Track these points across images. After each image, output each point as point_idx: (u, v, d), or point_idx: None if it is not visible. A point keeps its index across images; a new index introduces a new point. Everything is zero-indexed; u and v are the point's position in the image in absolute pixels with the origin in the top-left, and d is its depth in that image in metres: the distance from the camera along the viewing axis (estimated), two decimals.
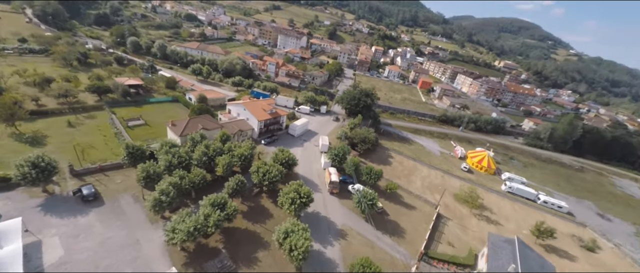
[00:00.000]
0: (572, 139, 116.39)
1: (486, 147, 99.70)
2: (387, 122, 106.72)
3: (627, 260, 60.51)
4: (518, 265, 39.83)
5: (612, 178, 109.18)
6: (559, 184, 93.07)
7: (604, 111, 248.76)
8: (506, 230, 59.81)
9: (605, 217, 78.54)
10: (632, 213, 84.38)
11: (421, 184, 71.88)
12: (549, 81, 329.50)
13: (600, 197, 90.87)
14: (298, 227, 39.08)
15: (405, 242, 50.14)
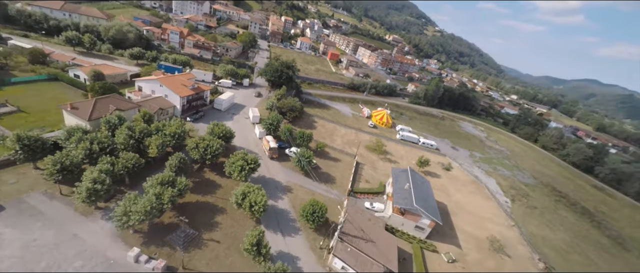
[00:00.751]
0: (437, 97, 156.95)
1: (385, 107, 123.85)
2: (308, 92, 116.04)
3: (465, 172, 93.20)
4: (410, 184, 57.80)
5: (459, 122, 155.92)
6: (431, 130, 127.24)
7: (455, 75, 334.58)
8: (402, 165, 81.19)
9: (455, 148, 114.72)
10: (468, 144, 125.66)
11: (341, 141, 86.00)
12: (423, 52, 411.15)
13: (453, 135, 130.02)
14: (252, 188, 44.18)
15: (337, 186, 62.54)
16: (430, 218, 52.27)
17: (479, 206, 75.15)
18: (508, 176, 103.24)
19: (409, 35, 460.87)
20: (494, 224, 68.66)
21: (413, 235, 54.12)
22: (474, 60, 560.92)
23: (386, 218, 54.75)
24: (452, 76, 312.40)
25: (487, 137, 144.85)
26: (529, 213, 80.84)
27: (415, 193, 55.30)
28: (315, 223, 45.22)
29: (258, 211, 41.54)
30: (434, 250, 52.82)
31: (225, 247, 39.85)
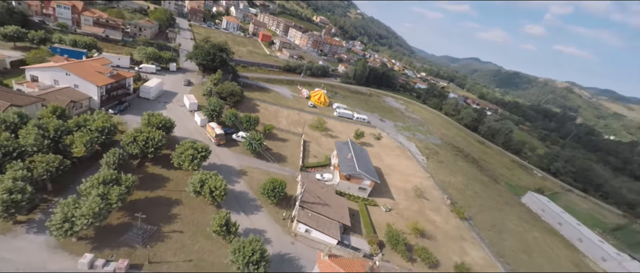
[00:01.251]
0: (364, 76, 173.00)
1: (321, 87, 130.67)
2: (244, 75, 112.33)
3: (392, 140, 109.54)
4: (352, 153, 66.20)
5: (384, 98, 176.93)
6: (362, 106, 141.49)
7: (377, 56, 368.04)
8: (341, 139, 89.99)
9: (383, 120, 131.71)
10: (392, 116, 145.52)
11: (286, 122, 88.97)
12: (348, 34, 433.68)
13: (380, 109, 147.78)
14: (209, 175, 44.12)
15: (288, 163, 66.39)
16: (371, 179, 62.01)
17: (404, 165, 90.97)
18: (423, 139, 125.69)
19: (335, 17, 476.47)
20: (415, 178, 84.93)
21: (358, 195, 63.27)
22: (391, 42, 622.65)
23: (335, 185, 62.09)
24: (374, 57, 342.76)
25: (406, 109, 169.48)
26: (439, 167, 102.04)
27: (357, 161, 63.97)
28: (276, 198, 48.57)
29: (219, 195, 42.24)
30: (374, 204, 63.29)
31: (190, 235, 39.74)
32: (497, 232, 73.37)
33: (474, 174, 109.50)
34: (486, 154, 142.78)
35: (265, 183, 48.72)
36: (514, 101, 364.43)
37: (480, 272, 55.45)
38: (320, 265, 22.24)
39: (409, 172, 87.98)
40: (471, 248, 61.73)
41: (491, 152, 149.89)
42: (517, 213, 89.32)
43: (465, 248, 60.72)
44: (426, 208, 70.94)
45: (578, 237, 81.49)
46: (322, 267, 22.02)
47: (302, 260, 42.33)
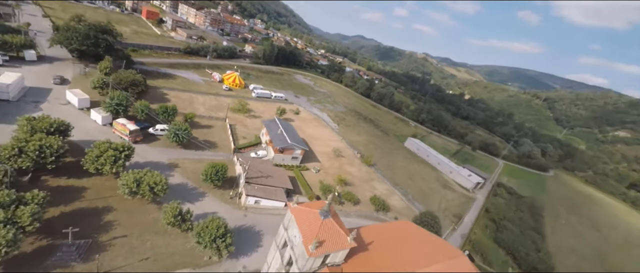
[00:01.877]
0: (273, 56, 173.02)
1: (234, 69, 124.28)
2: (139, 61, 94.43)
3: (308, 112, 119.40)
4: (281, 129, 70.99)
5: (294, 76, 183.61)
6: (276, 84, 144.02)
7: (280, 34, 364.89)
8: (265, 117, 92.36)
9: (297, 96, 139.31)
10: (304, 91, 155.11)
11: (204, 108, 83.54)
12: (247, 12, 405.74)
13: (292, 87, 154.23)
14: (143, 172, 40.57)
15: (220, 148, 65.33)
16: (301, 148, 69.28)
17: (322, 133, 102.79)
18: (332, 109, 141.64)
19: None
20: (332, 142, 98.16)
21: (292, 164, 69.82)
22: (290, 20, 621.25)
23: (271, 159, 66.27)
24: (278, 36, 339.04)
25: (314, 84, 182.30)
26: (347, 130, 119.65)
27: (287, 135, 69.47)
28: (220, 181, 49.15)
29: (162, 190, 40.01)
30: (306, 169, 71.64)
31: (136, 236, 37.08)
32: (391, 169, 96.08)
33: (372, 131, 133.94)
34: (378, 115, 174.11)
35: (206, 169, 48.18)
36: (392, 70, 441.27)
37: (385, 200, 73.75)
38: (293, 210, 27.56)
39: (326, 138, 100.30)
40: (378, 184, 79.88)
41: (381, 113, 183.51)
42: (402, 154, 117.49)
43: (374, 185, 78.14)
44: (344, 164, 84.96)
45: (438, 162, 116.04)
46: (294, 212, 27.41)
47: (257, 226, 46.48)
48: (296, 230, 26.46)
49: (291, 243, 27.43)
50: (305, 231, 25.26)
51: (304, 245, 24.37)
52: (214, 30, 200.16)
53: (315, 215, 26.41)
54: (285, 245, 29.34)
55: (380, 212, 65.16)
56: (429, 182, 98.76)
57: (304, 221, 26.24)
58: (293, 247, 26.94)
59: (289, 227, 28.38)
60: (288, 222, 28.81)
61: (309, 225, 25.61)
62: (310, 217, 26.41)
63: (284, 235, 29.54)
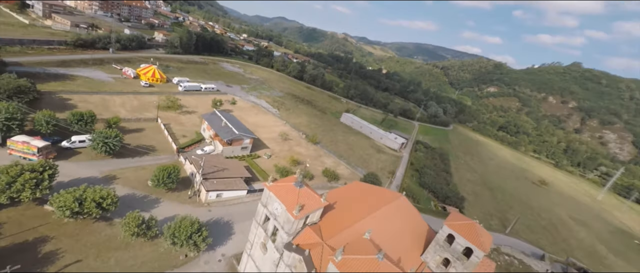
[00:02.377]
0: (192, 44, 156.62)
1: (150, 62, 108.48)
2: (13, 61, 73.22)
3: (246, 101, 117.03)
4: (225, 120, 69.62)
5: (220, 64, 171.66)
6: (203, 75, 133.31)
7: (192, 18, 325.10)
8: (201, 111, 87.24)
9: (230, 86, 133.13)
10: (235, 80, 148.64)
11: (126, 110, 73.32)
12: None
13: (222, 76, 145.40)
14: (81, 190, 36.22)
15: (160, 150, 60.46)
16: (250, 137, 70.17)
17: (264, 120, 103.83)
18: (269, 95, 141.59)
19: None
20: (276, 126, 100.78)
21: (243, 154, 70.34)
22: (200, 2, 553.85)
23: (220, 153, 65.28)
24: (189, 20, 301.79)
25: (244, 71, 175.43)
26: (288, 113, 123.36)
27: (232, 126, 68.86)
28: (174, 184, 47.18)
29: (113, 204, 36.79)
30: (258, 157, 73.36)
31: (93, 257, 34.06)
32: (334, 143, 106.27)
33: (311, 112, 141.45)
34: (313, 96, 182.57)
35: (156, 173, 45.32)
36: (318, 52, 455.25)
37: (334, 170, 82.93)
38: (270, 188, 30.97)
39: (269, 124, 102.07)
40: (326, 159, 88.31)
41: (315, 93, 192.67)
42: (340, 129, 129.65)
43: (323, 160, 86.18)
44: (293, 146, 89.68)
45: (370, 131, 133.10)
46: (271, 189, 30.88)
47: (225, 217, 47.68)
48: (277, 202, 30.39)
49: (274, 216, 31.28)
50: (286, 201, 29.48)
51: (288, 212, 28.69)
52: (107, 16, 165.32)
53: (292, 187, 30.80)
54: (267, 220, 32.99)
55: (333, 181, 73.69)
56: (366, 149, 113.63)
57: (283, 193, 30.33)
58: (276, 217, 30.90)
59: (269, 203, 31.99)
60: (266, 199, 32.30)
61: (289, 195, 29.90)
62: (287, 189, 30.64)
63: (263, 212, 33.01)
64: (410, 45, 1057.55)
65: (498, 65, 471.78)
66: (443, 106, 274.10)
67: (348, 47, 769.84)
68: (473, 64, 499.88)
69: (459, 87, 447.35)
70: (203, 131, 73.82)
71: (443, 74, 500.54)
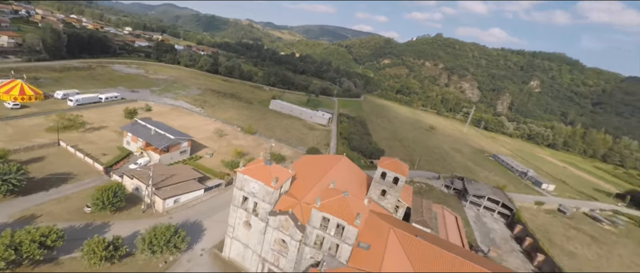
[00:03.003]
0: (63, 45, 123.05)
1: (12, 75, 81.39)
2: None
3: (162, 105, 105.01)
4: (154, 128, 63.76)
5: (111, 67, 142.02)
6: (94, 83, 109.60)
7: (41, 11, 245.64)
8: (110, 126, 75.35)
9: (135, 91, 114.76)
10: (139, 83, 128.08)
11: (8, 139, 57.13)
12: None
13: (120, 81, 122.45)
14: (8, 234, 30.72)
15: (81, 174, 51.99)
16: (187, 139, 66.98)
17: (191, 121, 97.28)
18: (186, 94, 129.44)
19: None
20: (207, 125, 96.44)
21: (183, 159, 66.92)
22: None
23: (158, 162, 60.65)
24: (37, 13, 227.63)
25: (146, 72, 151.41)
26: (214, 110, 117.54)
27: (164, 131, 63.99)
28: (122, 202, 43.34)
29: (60, 238, 32.67)
30: (200, 157, 71.06)
31: None
32: (270, 130, 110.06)
33: (238, 104, 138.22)
34: (234, 88, 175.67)
35: (97, 196, 40.57)
36: (224, 41, 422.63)
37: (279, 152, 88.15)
38: (243, 172, 34.51)
39: (198, 124, 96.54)
40: (267, 145, 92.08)
41: (235, 85, 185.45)
42: (272, 116, 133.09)
43: (265, 146, 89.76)
44: (231, 140, 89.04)
45: (300, 112, 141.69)
46: (245, 172, 34.51)
47: (190, 219, 47.67)
48: (253, 181, 34.75)
49: (252, 194, 35.58)
50: (262, 177, 34.22)
51: (266, 186, 33.70)
52: None
53: (263, 166, 35.57)
54: (245, 200, 36.96)
55: (280, 163, 79.22)
56: (300, 129, 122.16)
57: (257, 173, 34.84)
58: (255, 194, 35.35)
59: (245, 185, 35.87)
60: (241, 182, 36.01)
61: (262, 173, 34.67)
62: (260, 169, 35.25)
63: (240, 194, 36.71)
64: (315, 27, 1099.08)
65: (388, 41, 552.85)
66: (353, 80, 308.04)
67: (255, 33, 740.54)
68: (369, 41, 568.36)
69: (362, 62, 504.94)
70: (126, 144, 65.47)
71: (347, 52, 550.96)
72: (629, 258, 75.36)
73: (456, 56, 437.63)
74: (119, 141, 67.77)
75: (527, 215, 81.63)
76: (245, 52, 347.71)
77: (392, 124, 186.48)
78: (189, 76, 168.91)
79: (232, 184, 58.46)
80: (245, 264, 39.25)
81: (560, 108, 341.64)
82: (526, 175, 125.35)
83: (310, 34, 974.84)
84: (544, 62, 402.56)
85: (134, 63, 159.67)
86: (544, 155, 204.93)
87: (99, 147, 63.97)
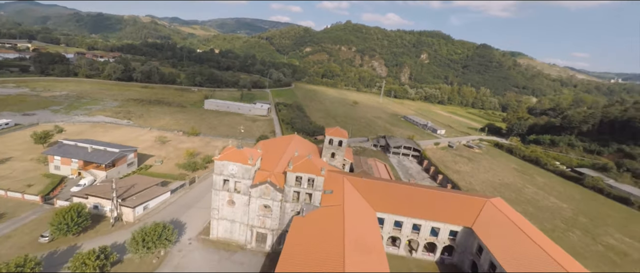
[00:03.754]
0: None
1: None
2: None
3: (75, 124, 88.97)
4: (86, 145, 56.96)
5: None
6: None
7: None
8: (15, 155, 62.67)
9: (28, 114, 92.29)
10: (31, 105, 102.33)
11: None
12: None
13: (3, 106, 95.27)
14: None
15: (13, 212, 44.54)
16: (132, 151, 62.38)
17: (123, 134, 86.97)
18: (102, 109, 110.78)
19: None
20: (143, 136, 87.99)
21: (131, 171, 62.41)
22: None
23: (105, 179, 55.67)
24: None
25: (34, 90, 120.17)
26: (144, 120, 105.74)
27: (105, 146, 58.10)
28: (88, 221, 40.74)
29: (38, 264, 30.80)
30: (150, 166, 67.17)
31: None
32: (214, 128, 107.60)
33: (169, 110, 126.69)
34: (158, 94, 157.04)
35: (59, 220, 37.38)
36: (125, 44, 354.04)
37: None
38: (220, 158, 38.49)
39: (131, 136, 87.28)
40: (216, 143, 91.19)
41: (158, 90, 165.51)
42: (210, 115, 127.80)
43: (214, 144, 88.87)
44: (176, 144, 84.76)
45: (238, 108, 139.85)
46: (221, 159, 38.57)
47: (166, 219, 48.00)
48: (231, 164, 39.48)
49: (231, 175, 40.26)
50: (239, 159, 39.26)
51: (244, 165, 39.07)
52: None
53: (236, 150, 40.45)
54: (225, 182, 41.33)
55: None
56: (242, 123, 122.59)
57: (233, 157, 39.59)
58: (234, 175, 40.19)
59: (223, 170, 40.14)
60: (220, 168, 40.10)
61: (238, 156, 39.66)
62: (234, 153, 40.04)
63: (220, 178, 40.84)
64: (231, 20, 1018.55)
65: (307, 30, 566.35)
66: (281, 71, 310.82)
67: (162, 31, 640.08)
68: (289, 31, 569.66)
69: (285, 52, 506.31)
70: (55, 170, 56.68)
71: (269, 44, 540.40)
72: (489, 166, 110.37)
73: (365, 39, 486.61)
74: (40, 169, 57.78)
75: (430, 153, 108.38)
76: (156, 54, 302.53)
77: (324, 105, 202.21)
78: (96, 88, 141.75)
79: (195, 183, 59.89)
80: (234, 238, 44.15)
81: (443, 73, 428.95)
82: (426, 126, 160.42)
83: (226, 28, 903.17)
84: (428, 39, 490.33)
85: (12, 82, 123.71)
86: (436, 110, 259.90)
87: (17, 179, 53.59)
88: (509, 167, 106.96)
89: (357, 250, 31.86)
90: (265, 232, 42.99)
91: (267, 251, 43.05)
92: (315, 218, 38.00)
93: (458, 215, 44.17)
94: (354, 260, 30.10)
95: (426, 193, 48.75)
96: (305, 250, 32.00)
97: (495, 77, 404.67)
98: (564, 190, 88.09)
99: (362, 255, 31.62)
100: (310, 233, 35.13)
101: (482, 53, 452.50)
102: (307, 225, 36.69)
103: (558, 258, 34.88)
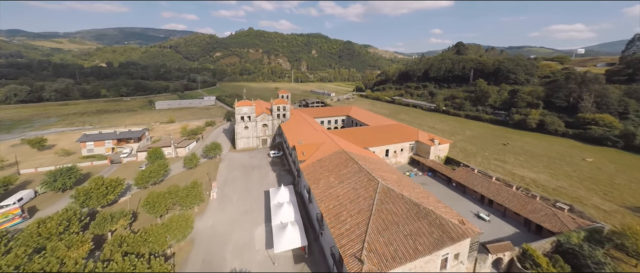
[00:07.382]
0: None
1: None
2: None
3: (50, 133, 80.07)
4: (111, 130, 65.33)
5: None
6: None
7: None
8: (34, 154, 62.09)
9: None
10: None
11: None
12: None
13: None
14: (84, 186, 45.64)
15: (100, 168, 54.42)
16: (146, 131, 72.97)
17: None
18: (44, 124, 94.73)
19: None
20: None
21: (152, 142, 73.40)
22: None
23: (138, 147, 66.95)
24: None
25: None
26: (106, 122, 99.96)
27: (123, 130, 67.29)
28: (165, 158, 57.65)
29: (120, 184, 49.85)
30: (160, 138, 78.31)
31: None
32: (181, 116, 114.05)
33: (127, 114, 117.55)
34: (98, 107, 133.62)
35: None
36: None
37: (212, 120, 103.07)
38: (236, 105, 63.58)
39: None
40: (193, 123, 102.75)
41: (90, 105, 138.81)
42: (168, 112, 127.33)
43: (193, 124, 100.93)
44: (165, 128, 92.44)
45: (189, 103, 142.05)
46: (237, 105, 63.64)
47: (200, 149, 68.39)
48: (245, 107, 65.66)
49: (245, 113, 66.49)
50: (247, 104, 65.86)
51: (252, 107, 66.13)
52: None
53: (246, 101, 66.56)
54: (242, 118, 67.08)
55: (212, 126, 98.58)
56: (203, 111, 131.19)
57: (245, 104, 65.68)
58: (246, 113, 66.57)
59: (239, 112, 65.64)
60: (238, 110, 65.38)
61: (247, 103, 66.07)
62: (245, 102, 66.06)
63: (239, 116, 66.22)
64: (112, 31, 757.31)
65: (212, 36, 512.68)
66: (203, 74, 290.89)
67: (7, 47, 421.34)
68: (194, 39, 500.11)
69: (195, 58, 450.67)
70: (88, 152, 62.74)
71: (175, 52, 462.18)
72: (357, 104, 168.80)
73: (268, 42, 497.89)
74: (59, 161, 60.57)
75: (329, 102, 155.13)
76: (26, 74, 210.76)
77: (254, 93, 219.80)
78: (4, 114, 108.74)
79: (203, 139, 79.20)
80: (250, 145, 71.03)
81: (328, 62, 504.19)
82: (324, 93, 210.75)
83: (108, 39, 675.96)
84: (314, 39, 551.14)
85: None
86: (328, 85, 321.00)
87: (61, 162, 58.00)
88: (367, 103, 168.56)
89: (319, 129, 67.78)
90: (266, 138, 72.32)
91: (268, 147, 73.04)
92: (292, 124, 70.88)
93: (343, 111, 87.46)
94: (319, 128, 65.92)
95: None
96: (297, 131, 65.10)
97: (358, 62, 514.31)
98: (386, 105, 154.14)
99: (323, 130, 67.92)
100: (294, 128, 68.12)
101: (348, 47, 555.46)
102: (291, 125, 69.20)
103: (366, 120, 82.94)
